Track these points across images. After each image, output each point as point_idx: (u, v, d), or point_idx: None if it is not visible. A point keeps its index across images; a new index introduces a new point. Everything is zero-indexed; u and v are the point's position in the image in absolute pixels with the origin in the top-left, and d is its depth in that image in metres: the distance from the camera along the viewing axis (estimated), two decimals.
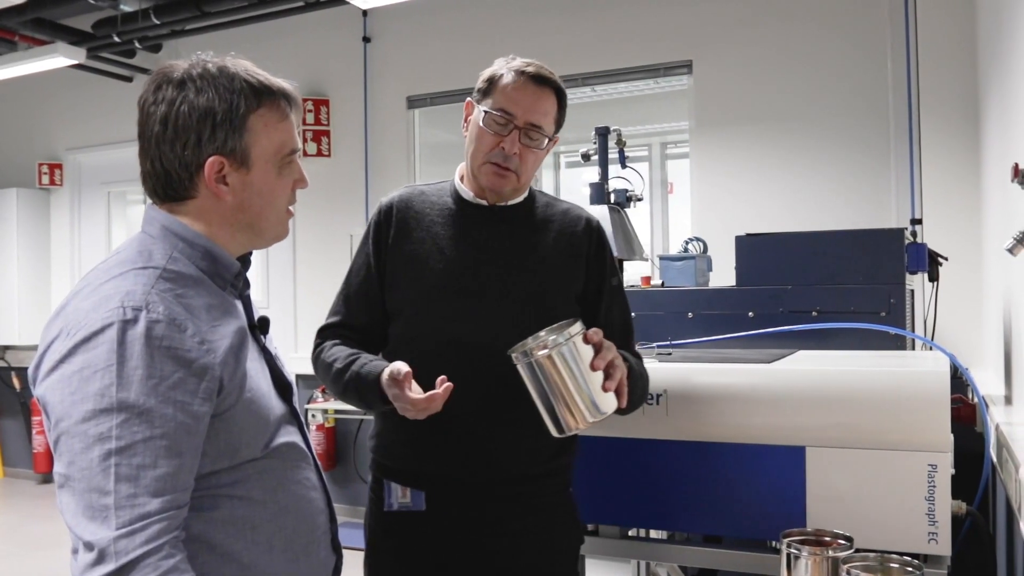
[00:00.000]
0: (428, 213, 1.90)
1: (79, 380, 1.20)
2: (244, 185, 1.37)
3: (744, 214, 4.66)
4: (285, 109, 1.40)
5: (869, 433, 1.84)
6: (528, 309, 1.82)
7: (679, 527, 2.16)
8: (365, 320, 1.93)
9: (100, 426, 1.17)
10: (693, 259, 3.31)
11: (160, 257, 1.33)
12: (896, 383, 1.85)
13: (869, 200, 4.56)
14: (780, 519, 1.85)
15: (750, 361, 2.06)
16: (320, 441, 5.85)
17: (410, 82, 5.85)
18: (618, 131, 4.01)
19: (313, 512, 1.46)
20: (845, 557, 1.53)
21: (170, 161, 1.35)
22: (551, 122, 1.84)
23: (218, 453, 1.30)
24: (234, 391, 1.31)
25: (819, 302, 2.61)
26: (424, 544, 1.86)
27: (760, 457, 1.93)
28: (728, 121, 4.95)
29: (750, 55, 4.87)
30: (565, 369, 1.60)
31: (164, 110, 1.34)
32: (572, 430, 1.63)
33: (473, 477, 1.80)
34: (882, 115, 4.54)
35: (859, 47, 4.61)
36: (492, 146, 1.80)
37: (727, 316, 2.66)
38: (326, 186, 6.11)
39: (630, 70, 5.24)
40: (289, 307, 6.28)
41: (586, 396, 1.62)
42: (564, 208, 1.97)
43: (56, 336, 1.26)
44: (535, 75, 1.81)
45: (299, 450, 1.46)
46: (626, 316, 1.97)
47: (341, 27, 5.95)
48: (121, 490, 1.15)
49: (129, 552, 1.14)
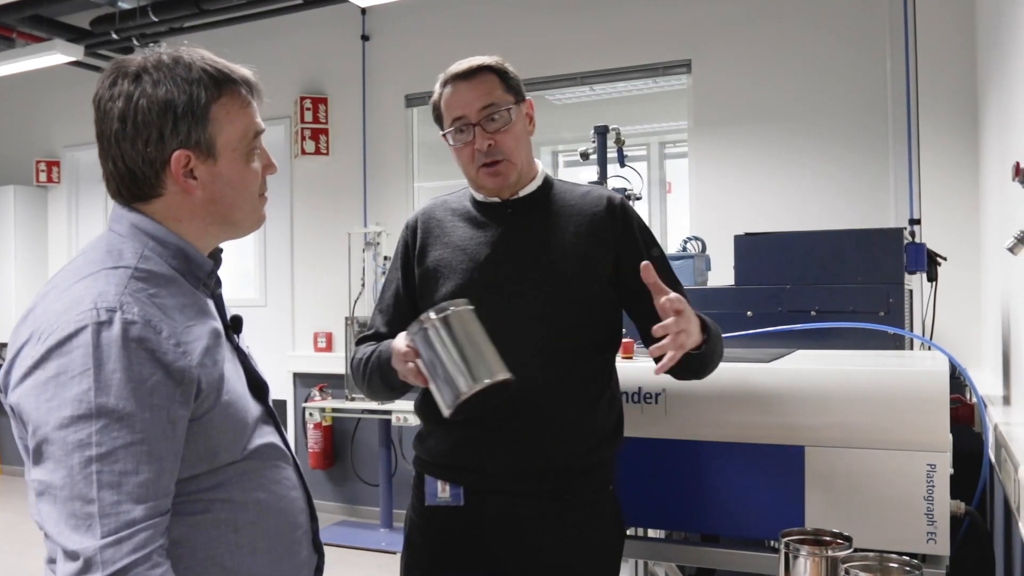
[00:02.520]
0: (450, 219, 1.94)
1: (55, 386, 1.16)
2: (213, 177, 1.33)
3: (743, 213, 4.66)
4: (247, 96, 1.36)
5: (868, 433, 1.84)
6: (553, 299, 1.83)
7: (677, 526, 2.16)
8: (397, 330, 1.94)
9: (80, 432, 1.13)
10: (692, 258, 3.31)
11: (131, 256, 1.29)
12: (895, 383, 1.85)
13: (868, 200, 4.56)
14: (779, 519, 1.85)
15: (749, 360, 2.06)
16: (317, 440, 5.85)
17: (409, 80, 5.84)
18: (617, 130, 4.02)
19: (294, 511, 1.43)
20: (844, 557, 1.52)
21: (133, 159, 1.29)
22: (500, 95, 1.83)
23: (197, 457, 1.26)
24: (211, 394, 1.27)
25: (818, 302, 2.60)
26: (462, 539, 1.87)
27: (759, 456, 1.93)
28: (727, 120, 4.95)
29: (749, 55, 4.87)
30: (451, 335, 1.55)
31: (122, 106, 1.28)
32: (463, 396, 1.53)
33: (508, 473, 1.80)
34: (881, 114, 4.54)
35: (858, 46, 4.61)
36: (470, 155, 1.84)
37: (726, 315, 2.65)
38: (324, 184, 6.10)
39: (629, 69, 5.24)
40: (287, 306, 6.27)
41: (475, 361, 1.53)
42: (583, 191, 1.95)
43: (27, 340, 1.21)
44: (458, 74, 1.84)
45: (278, 450, 1.42)
46: (675, 285, 1.82)
47: (340, 25, 5.95)
48: (105, 497, 1.12)
49: (117, 561, 1.11)
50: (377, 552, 5.20)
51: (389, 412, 5.34)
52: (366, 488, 5.91)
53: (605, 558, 1.91)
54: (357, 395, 5.66)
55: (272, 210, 5.93)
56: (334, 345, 6.06)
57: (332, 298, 5.98)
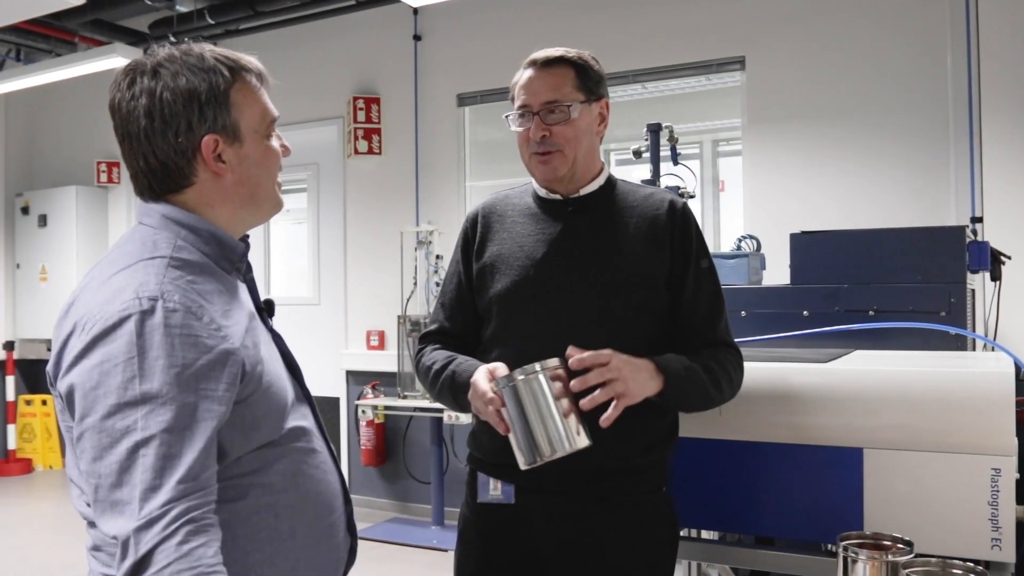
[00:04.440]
0: (510, 214, 1.95)
1: (100, 374, 1.18)
2: (240, 159, 1.37)
3: (797, 212, 4.60)
4: (257, 83, 1.40)
5: (929, 435, 1.80)
6: (608, 300, 1.82)
7: (732, 528, 2.13)
8: (459, 325, 1.99)
9: (125, 419, 1.16)
10: (746, 257, 3.27)
11: (165, 246, 1.31)
12: (958, 384, 1.80)
13: (926, 198, 4.46)
14: (836, 522, 1.81)
15: (806, 361, 2.02)
16: (370, 437, 5.89)
17: (460, 80, 5.86)
18: (670, 128, 3.98)
19: (331, 495, 1.45)
20: (905, 562, 1.49)
21: (164, 152, 1.32)
22: (570, 91, 1.85)
23: (240, 439, 1.29)
24: (254, 376, 1.30)
25: (876, 301, 2.56)
26: (512, 537, 1.88)
27: (816, 458, 1.90)
28: (781, 118, 4.88)
29: (804, 50, 4.80)
30: (540, 398, 1.62)
31: (146, 102, 1.31)
32: (540, 461, 1.63)
33: (558, 472, 1.79)
34: (941, 110, 4.43)
35: (917, 40, 4.51)
36: (525, 140, 1.87)
37: (781, 315, 2.62)
38: (377, 184, 6.15)
39: (681, 67, 5.19)
40: (340, 304, 6.33)
41: (561, 428, 1.62)
42: (646, 193, 1.94)
43: (71, 332, 1.24)
44: (539, 60, 1.87)
45: (313, 433, 1.45)
46: (713, 302, 1.89)
47: (392, 25, 5.98)
48: (146, 481, 1.13)
49: (147, 541, 1.11)
50: (428, 549, 5.22)
51: (441, 410, 5.35)
52: (418, 486, 5.94)
53: (656, 561, 1.88)
54: (409, 393, 5.70)
55: (326, 209, 6.03)
56: (386, 343, 6.10)
57: (384, 296, 6.02)
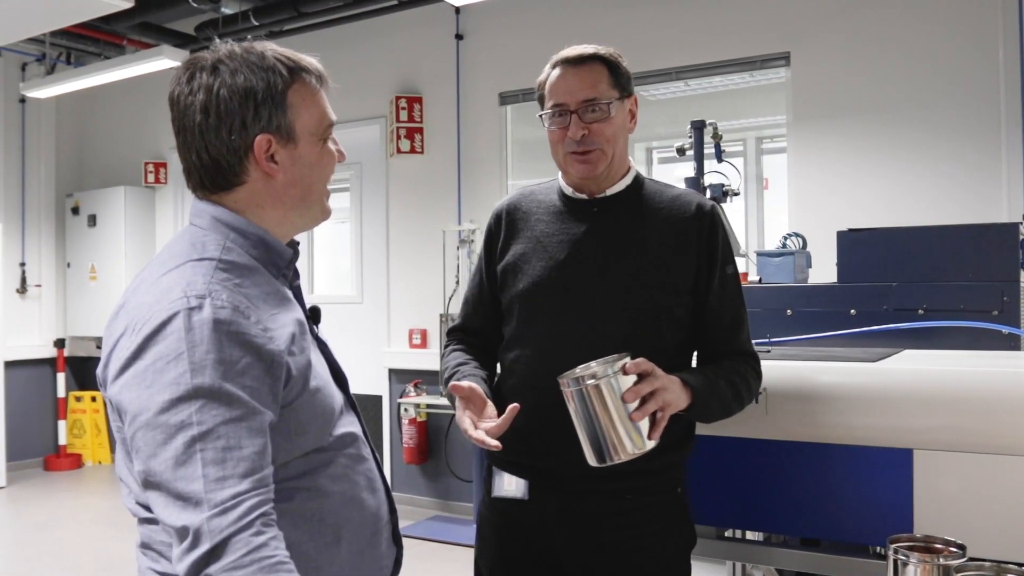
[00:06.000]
0: (535, 212, 1.93)
1: (153, 373, 1.19)
2: (293, 160, 1.37)
3: (843, 209, 4.54)
4: (315, 84, 1.39)
5: (982, 436, 1.76)
6: (630, 304, 1.80)
7: (777, 529, 2.11)
8: (481, 323, 2.00)
9: (180, 414, 1.16)
10: (792, 255, 3.23)
11: (214, 248, 1.32)
12: (1010, 384, 1.77)
13: (975, 195, 4.37)
14: (884, 524, 1.79)
15: (854, 360, 1.99)
16: (412, 435, 5.92)
17: (502, 78, 5.86)
18: (714, 125, 3.95)
19: (377, 503, 1.45)
20: (958, 566, 1.46)
21: (217, 149, 1.34)
22: (605, 89, 1.82)
23: (287, 443, 1.29)
24: (300, 381, 1.30)
25: (926, 300, 2.51)
26: (527, 533, 1.87)
27: (864, 459, 1.87)
28: (827, 114, 4.81)
29: (850, 46, 4.72)
30: (612, 401, 1.59)
31: (203, 98, 1.32)
32: (612, 461, 1.61)
33: (570, 469, 1.79)
34: (992, 105, 4.34)
35: (967, 35, 4.42)
36: (561, 139, 1.84)
37: (828, 313, 2.59)
38: (419, 183, 6.17)
39: (725, 63, 5.13)
40: (383, 302, 6.36)
41: (632, 429, 1.60)
42: (675, 194, 1.91)
43: (122, 334, 1.25)
44: (569, 59, 1.83)
45: (361, 440, 1.45)
46: (736, 310, 1.87)
47: (434, 25, 6.00)
48: (209, 473, 1.14)
49: (223, 530, 1.11)
50: (470, 547, 5.22)
51: None
52: (459, 484, 5.96)
53: (670, 561, 1.87)
54: None
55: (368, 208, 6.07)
56: (429, 342, 6.12)
57: (427, 295, 6.04)
